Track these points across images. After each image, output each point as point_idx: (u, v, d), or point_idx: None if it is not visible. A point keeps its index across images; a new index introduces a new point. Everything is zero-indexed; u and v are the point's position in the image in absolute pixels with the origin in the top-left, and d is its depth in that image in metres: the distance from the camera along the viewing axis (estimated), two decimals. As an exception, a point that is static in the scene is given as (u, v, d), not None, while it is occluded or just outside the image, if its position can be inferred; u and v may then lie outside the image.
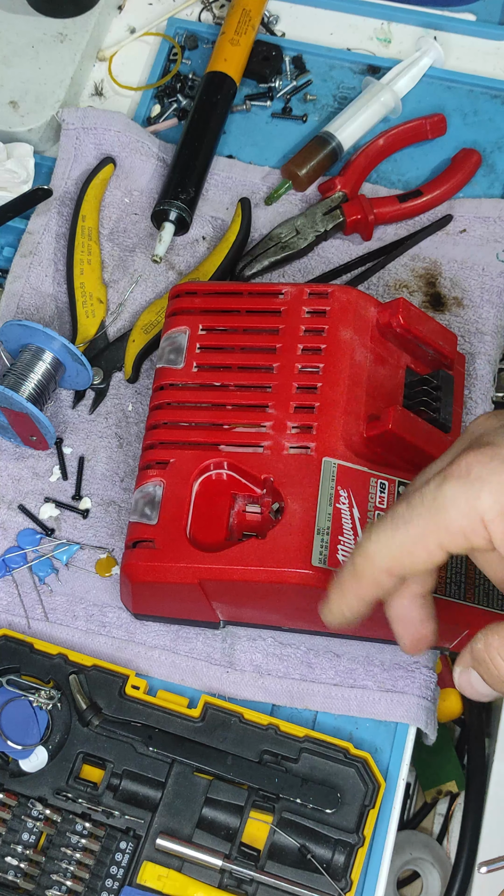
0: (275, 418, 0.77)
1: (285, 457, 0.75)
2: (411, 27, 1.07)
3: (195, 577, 0.73)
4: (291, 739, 0.76)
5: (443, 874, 0.88)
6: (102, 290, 0.93)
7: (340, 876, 0.73)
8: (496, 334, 0.91)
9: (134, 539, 0.76)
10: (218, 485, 0.77)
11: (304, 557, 0.71)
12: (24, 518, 0.86)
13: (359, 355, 0.79)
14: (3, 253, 0.97)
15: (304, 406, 0.77)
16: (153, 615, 0.80)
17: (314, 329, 0.80)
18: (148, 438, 0.79)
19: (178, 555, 0.74)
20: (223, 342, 0.81)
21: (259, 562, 0.72)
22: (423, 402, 0.80)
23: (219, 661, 0.80)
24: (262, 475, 0.75)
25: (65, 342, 0.84)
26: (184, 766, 0.76)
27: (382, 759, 0.78)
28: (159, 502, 0.76)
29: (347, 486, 0.74)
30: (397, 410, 0.76)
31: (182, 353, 0.81)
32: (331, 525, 0.72)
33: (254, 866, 0.73)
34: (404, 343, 0.82)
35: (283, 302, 0.81)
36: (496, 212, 0.95)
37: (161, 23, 1.08)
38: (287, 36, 1.08)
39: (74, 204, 0.96)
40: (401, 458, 0.77)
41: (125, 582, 0.77)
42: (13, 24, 1.04)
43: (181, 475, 0.76)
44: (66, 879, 0.73)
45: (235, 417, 0.78)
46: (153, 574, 0.74)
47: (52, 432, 0.84)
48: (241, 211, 0.95)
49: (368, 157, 0.97)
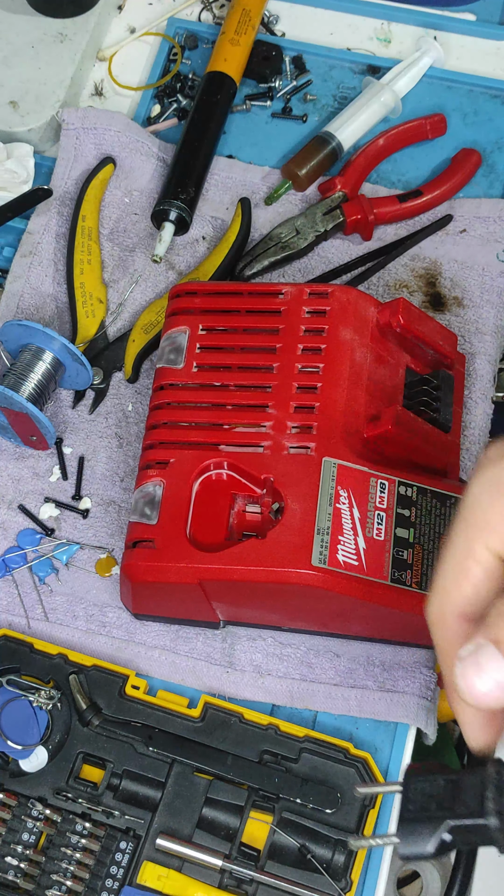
0: (275, 418, 0.77)
1: (285, 457, 0.75)
2: (411, 27, 1.07)
3: (195, 577, 0.73)
4: (291, 739, 0.76)
5: (443, 874, 0.88)
6: (102, 289, 0.93)
7: (340, 876, 0.73)
8: (496, 334, 0.91)
9: (134, 539, 0.76)
10: (218, 485, 0.77)
11: (304, 557, 0.71)
12: (24, 518, 0.86)
13: (359, 355, 0.79)
14: (3, 253, 0.97)
15: (304, 406, 0.77)
16: (153, 615, 0.80)
17: (314, 329, 0.80)
18: (148, 438, 0.79)
19: (178, 555, 0.74)
20: (223, 342, 0.81)
21: (259, 562, 0.72)
22: (423, 402, 0.80)
23: (219, 661, 0.80)
24: (262, 475, 0.75)
25: (65, 342, 0.84)
26: (184, 766, 0.76)
27: (382, 759, 0.78)
28: (159, 502, 0.76)
29: (347, 486, 0.74)
30: (397, 410, 0.76)
31: (182, 353, 0.81)
32: (331, 525, 0.72)
33: (254, 866, 0.73)
34: (404, 343, 0.82)
35: (282, 302, 0.81)
36: (496, 212, 0.95)
37: (161, 23, 1.08)
38: (287, 36, 1.08)
39: (74, 204, 0.96)
40: (401, 457, 0.77)
41: (125, 582, 0.77)
42: (13, 24, 1.04)
43: (181, 475, 0.76)
44: (66, 879, 0.73)
45: (235, 417, 0.78)
46: (153, 574, 0.74)
47: (52, 432, 0.84)
48: (241, 211, 0.95)
49: (368, 157, 0.97)
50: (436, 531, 0.76)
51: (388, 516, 0.74)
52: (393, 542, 0.74)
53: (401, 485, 0.76)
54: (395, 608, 0.73)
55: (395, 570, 0.73)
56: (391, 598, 0.73)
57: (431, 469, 0.79)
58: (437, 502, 0.76)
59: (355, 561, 0.72)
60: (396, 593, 0.73)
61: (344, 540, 0.72)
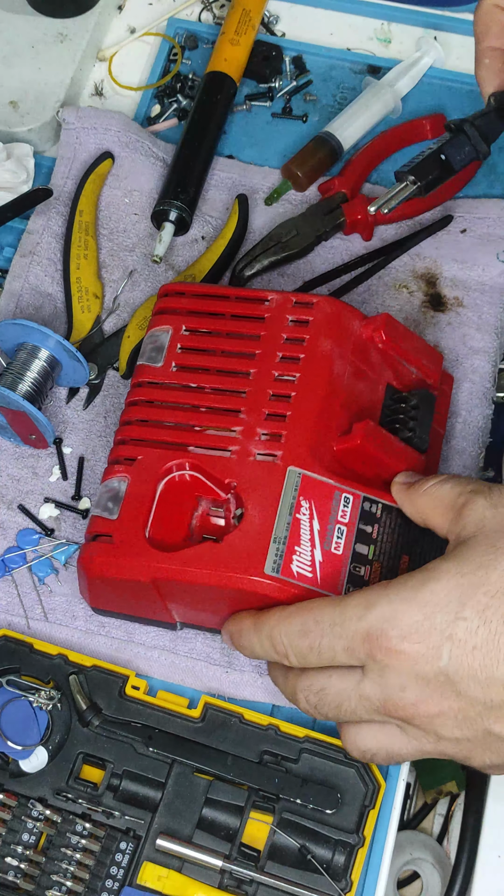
0: (245, 424, 0.76)
1: (251, 463, 0.75)
2: (411, 27, 1.07)
3: (148, 575, 0.73)
4: (291, 740, 0.76)
5: (443, 874, 0.88)
6: (98, 285, 0.93)
7: (340, 876, 0.73)
8: (496, 334, 0.91)
9: (93, 532, 0.76)
10: (183, 486, 0.77)
11: (258, 564, 0.71)
12: (24, 518, 0.86)
13: (337, 368, 0.78)
14: (3, 253, 0.97)
15: (275, 414, 0.76)
16: (110, 611, 0.80)
17: (295, 338, 0.79)
18: (119, 434, 0.79)
19: (133, 551, 0.74)
20: (204, 344, 0.81)
21: (212, 565, 0.72)
22: (399, 420, 0.80)
23: (218, 661, 0.80)
24: (226, 479, 0.75)
25: (60, 339, 0.84)
26: (184, 767, 0.76)
27: (382, 760, 0.78)
28: (122, 498, 0.76)
29: (310, 498, 0.74)
30: (369, 426, 0.75)
31: (162, 352, 0.81)
32: (288, 535, 0.72)
33: (254, 867, 0.73)
34: (387, 359, 0.81)
35: (267, 309, 0.81)
36: (496, 212, 0.95)
37: (161, 23, 1.08)
38: (287, 36, 1.08)
39: (72, 199, 0.96)
40: (370, 474, 0.76)
41: (81, 575, 0.77)
42: (13, 24, 1.04)
43: (147, 473, 0.76)
44: (66, 880, 0.73)
45: (207, 420, 0.77)
46: (108, 569, 0.74)
47: (51, 430, 0.84)
48: (237, 207, 0.95)
49: (368, 157, 0.97)
50: (397, 550, 0.75)
51: (348, 531, 0.74)
52: (351, 557, 0.73)
53: (366, 500, 0.75)
54: None
55: (350, 585, 0.72)
56: None
57: None
58: (402, 521, 0.76)
59: (309, 573, 0.72)
60: None
61: (300, 551, 0.72)
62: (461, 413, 0.88)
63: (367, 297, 0.93)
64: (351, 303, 0.92)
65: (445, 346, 0.90)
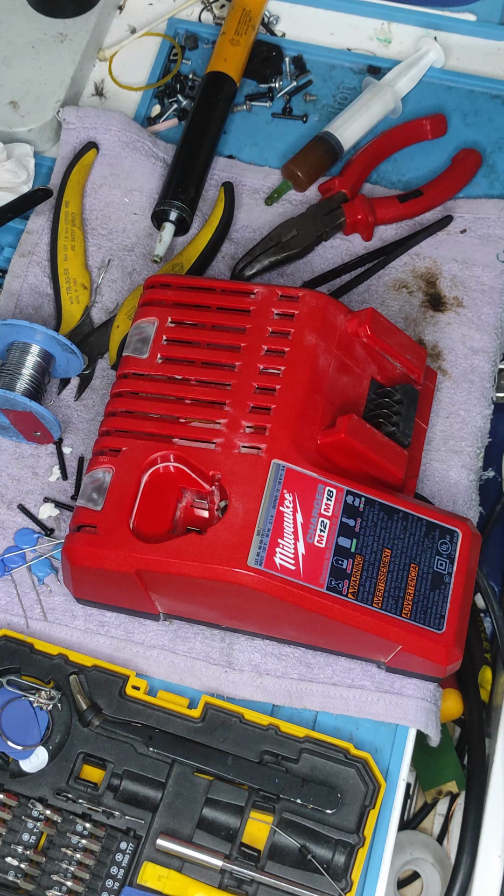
0: (230, 416, 0.77)
1: (235, 455, 0.75)
2: (411, 27, 1.07)
3: (132, 566, 0.73)
4: (292, 740, 0.76)
5: (443, 874, 0.88)
6: (86, 275, 0.93)
7: (341, 876, 0.73)
8: (496, 334, 0.91)
9: (78, 523, 0.76)
10: (167, 477, 0.77)
11: (241, 556, 0.71)
12: (24, 518, 0.86)
13: (322, 362, 0.78)
14: (3, 253, 0.97)
15: (260, 407, 0.77)
16: (94, 601, 0.81)
17: (280, 332, 0.80)
18: (104, 425, 0.80)
19: (117, 542, 0.74)
20: (190, 336, 0.81)
21: (195, 557, 0.72)
22: (382, 415, 0.80)
23: (217, 661, 0.80)
24: (210, 472, 0.75)
25: (49, 332, 0.84)
26: (184, 767, 0.76)
27: (383, 760, 0.78)
28: (107, 489, 0.76)
29: (294, 490, 0.74)
30: (352, 420, 0.75)
31: (148, 344, 0.81)
32: (272, 527, 0.72)
33: (254, 866, 0.73)
34: (371, 354, 0.82)
35: (253, 302, 0.81)
36: (496, 212, 0.95)
37: (161, 23, 1.08)
38: (287, 36, 1.08)
39: (57, 191, 0.96)
40: (353, 467, 0.77)
41: (65, 565, 0.77)
42: (13, 24, 1.04)
43: (131, 464, 0.77)
44: (66, 880, 0.73)
45: (192, 412, 0.78)
46: (92, 559, 0.75)
47: (58, 425, 0.84)
48: (223, 195, 0.95)
49: (368, 157, 0.97)
50: (380, 543, 0.75)
51: (331, 524, 0.74)
52: (334, 550, 0.73)
53: (349, 494, 0.75)
54: (328, 616, 0.73)
55: (332, 578, 0.73)
56: (324, 605, 0.72)
57: (385, 482, 0.79)
58: (385, 515, 0.76)
59: (292, 565, 0.72)
60: (331, 602, 0.72)
61: (283, 543, 0.72)
62: (461, 413, 0.88)
63: (367, 297, 0.93)
64: (351, 303, 0.92)
65: (445, 346, 0.90)
